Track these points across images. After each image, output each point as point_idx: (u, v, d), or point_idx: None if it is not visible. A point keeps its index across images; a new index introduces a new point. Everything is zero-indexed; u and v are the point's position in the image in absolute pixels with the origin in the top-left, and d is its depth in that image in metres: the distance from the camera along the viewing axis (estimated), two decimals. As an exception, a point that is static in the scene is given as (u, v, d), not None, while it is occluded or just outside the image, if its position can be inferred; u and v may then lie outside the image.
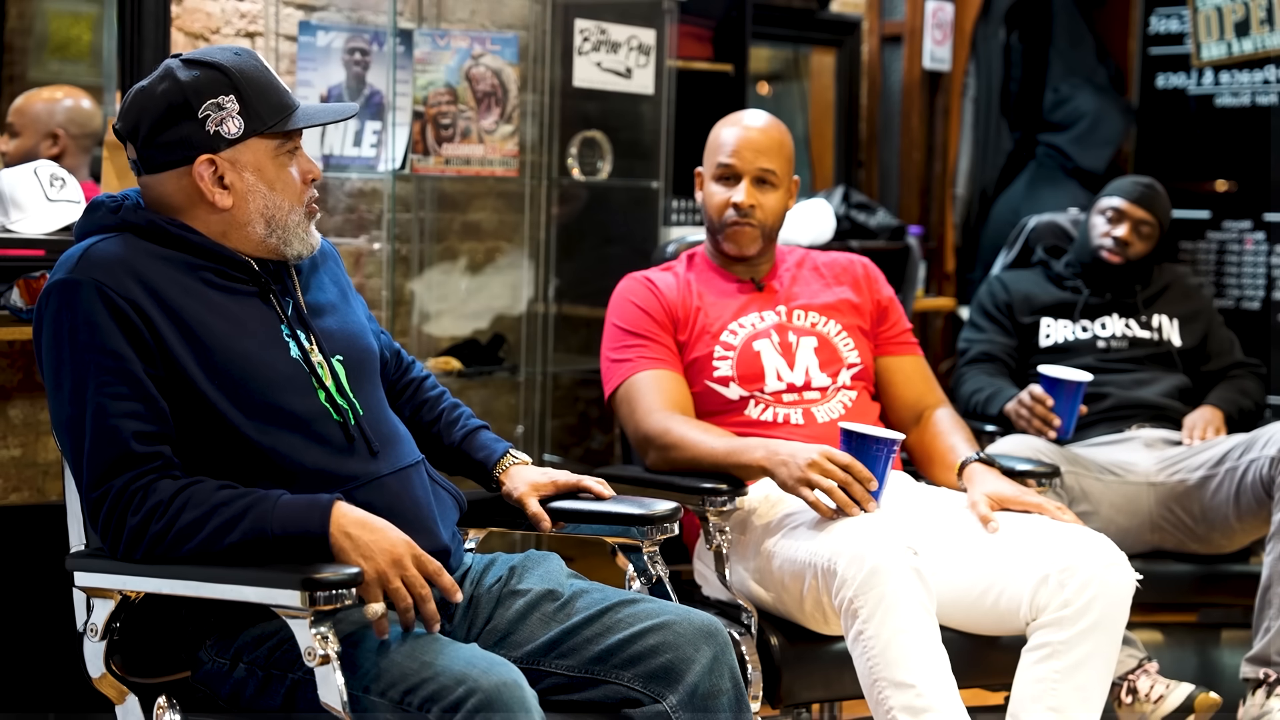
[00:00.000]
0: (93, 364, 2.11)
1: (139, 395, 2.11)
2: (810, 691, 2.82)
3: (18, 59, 3.87)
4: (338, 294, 2.40)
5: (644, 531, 2.48)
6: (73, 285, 2.14)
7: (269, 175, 2.24)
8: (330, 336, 2.31)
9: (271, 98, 2.24)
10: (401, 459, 2.31)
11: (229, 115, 2.21)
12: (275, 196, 2.25)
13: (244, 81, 2.22)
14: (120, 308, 2.12)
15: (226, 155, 2.22)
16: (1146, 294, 4.11)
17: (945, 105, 5.46)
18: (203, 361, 2.15)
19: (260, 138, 2.23)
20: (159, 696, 2.21)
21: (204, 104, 2.19)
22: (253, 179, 2.24)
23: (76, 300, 2.13)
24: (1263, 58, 4.96)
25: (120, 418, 2.10)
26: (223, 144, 2.21)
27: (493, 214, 4.51)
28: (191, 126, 2.20)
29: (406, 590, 2.08)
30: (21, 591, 3.30)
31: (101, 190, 3.35)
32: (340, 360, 2.29)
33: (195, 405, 2.15)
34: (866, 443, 2.74)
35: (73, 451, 2.13)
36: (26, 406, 3.49)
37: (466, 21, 4.32)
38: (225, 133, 2.21)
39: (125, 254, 2.17)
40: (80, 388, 2.11)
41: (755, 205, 3.06)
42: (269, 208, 2.25)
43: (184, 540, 2.07)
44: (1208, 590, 3.76)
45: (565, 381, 4.64)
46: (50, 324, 2.15)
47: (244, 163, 2.23)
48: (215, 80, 2.20)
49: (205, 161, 2.21)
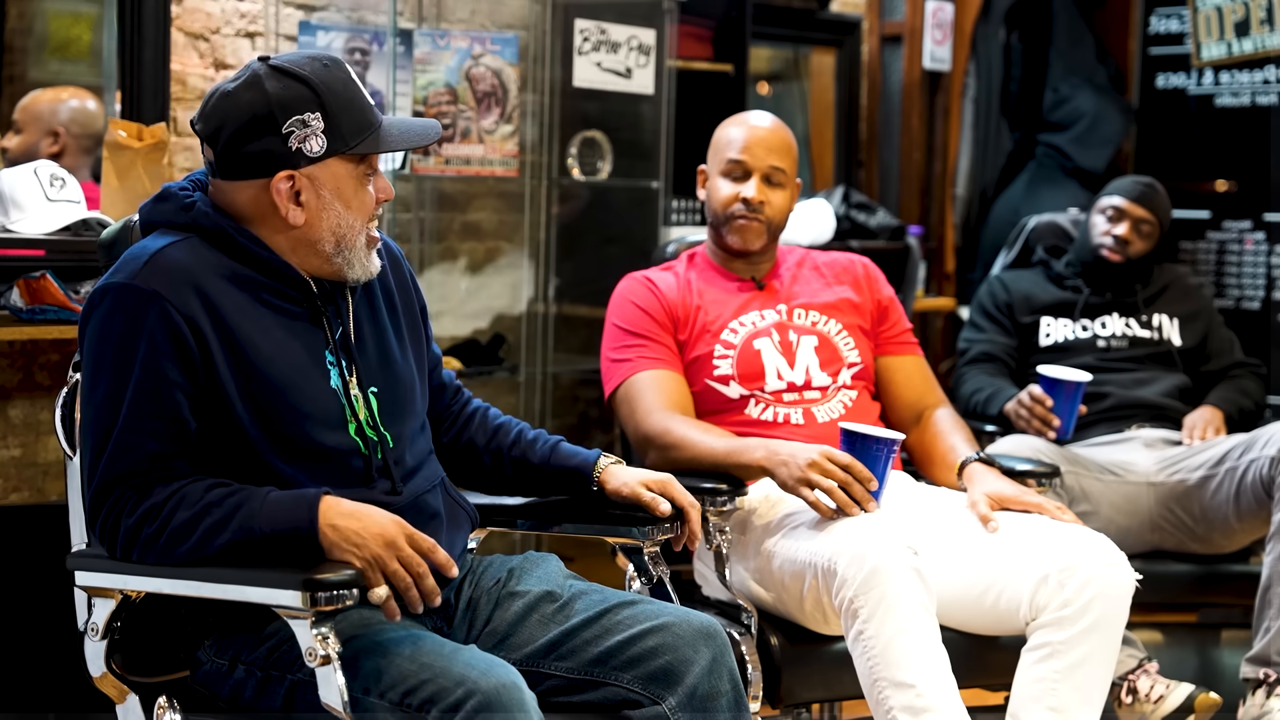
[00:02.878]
0: (134, 378, 2.09)
1: (170, 417, 2.10)
2: (810, 691, 2.82)
3: (18, 59, 3.87)
4: (387, 322, 2.35)
5: (644, 532, 2.47)
6: (135, 292, 2.11)
7: (346, 195, 2.21)
8: (370, 368, 2.28)
9: (356, 115, 2.20)
10: (422, 486, 2.31)
11: (313, 133, 2.16)
12: (349, 216, 2.21)
13: (330, 98, 2.17)
14: (178, 325, 2.10)
15: (306, 172, 2.18)
16: (1147, 293, 4.11)
17: (945, 105, 5.46)
18: (241, 384, 2.14)
19: (342, 158, 2.20)
20: (159, 696, 2.21)
21: (289, 119, 2.15)
22: (330, 197, 2.19)
23: (134, 307, 2.10)
24: (1263, 58, 4.96)
25: (145, 436, 2.09)
26: (304, 161, 2.17)
27: (493, 214, 4.51)
28: (274, 140, 2.16)
29: (405, 571, 2.06)
30: (21, 591, 3.30)
31: (101, 190, 3.35)
32: (375, 392, 2.27)
33: (226, 425, 2.14)
34: (866, 443, 2.74)
35: (92, 452, 2.12)
36: (26, 406, 3.49)
37: (466, 21, 4.32)
38: (308, 150, 2.17)
39: (191, 264, 2.14)
40: (116, 397, 2.10)
41: (764, 201, 3.07)
42: (341, 226, 2.21)
43: (177, 543, 2.07)
44: (1208, 590, 3.76)
45: (565, 381, 4.64)
46: (100, 323, 2.13)
47: (323, 181, 2.19)
48: (302, 96, 2.16)
49: (284, 177, 2.17)
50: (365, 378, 2.26)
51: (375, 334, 2.32)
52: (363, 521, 2.07)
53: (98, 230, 3.17)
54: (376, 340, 2.31)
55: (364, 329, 2.31)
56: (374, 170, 2.25)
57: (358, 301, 2.31)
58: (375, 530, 2.06)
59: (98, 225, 3.22)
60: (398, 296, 2.40)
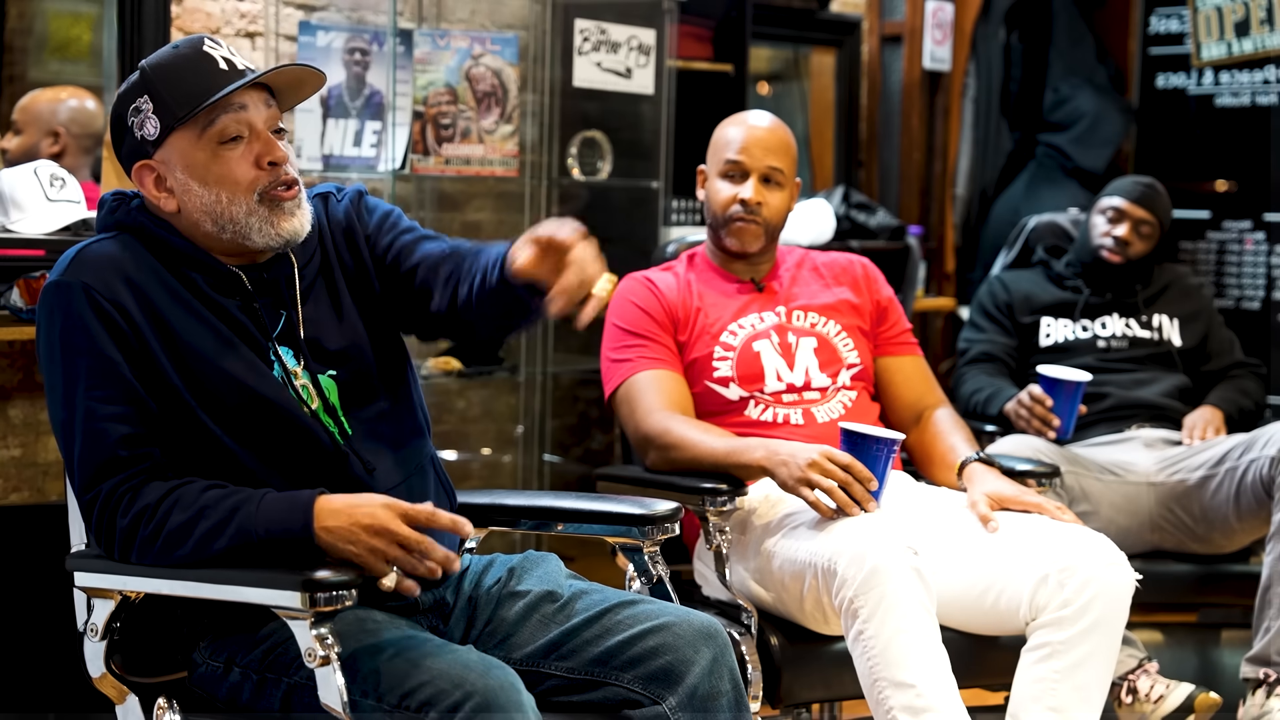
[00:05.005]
0: (83, 367, 2.10)
1: (128, 399, 2.10)
2: (810, 691, 2.82)
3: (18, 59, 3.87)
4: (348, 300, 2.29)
5: (644, 531, 2.47)
6: (63, 287, 2.12)
7: (199, 169, 2.15)
8: (325, 352, 2.25)
9: (187, 84, 2.12)
10: (404, 468, 2.28)
11: (146, 116, 2.15)
12: (210, 191, 2.15)
13: (156, 77, 2.14)
14: (106, 310, 2.10)
15: (159, 157, 2.16)
16: (1147, 294, 4.11)
17: (945, 105, 5.46)
18: (185, 373, 2.13)
19: (180, 130, 2.14)
20: (159, 696, 2.21)
21: (128, 111, 2.16)
22: (183, 176, 2.15)
23: (66, 302, 2.11)
24: (1263, 58, 4.96)
25: (108, 421, 2.08)
26: (150, 147, 2.16)
27: (493, 214, 4.51)
28: (128, 137, 2.17)
29: (408, 552, 2.04)
30: (21, 591, 3.30)
31: (101, 191, 3.35)
32: (333, 376, 2.24)
33: (181, 413, 2.13)
34: (866, 443, 2.74)
35: (66, 453, 2.13)
36: (26, 406, 3.49)
37: (466, 21, 4.32)
38: (146, 135, 2.15)
39: (118, 256, 2.15)
40: (70, 390, 2.10)
41: (762, 202, 3.07)
42: (206, 204, 2.15)
43: (173, 545, 2.06)
44: (1208, 590, 3.76)
45: (565, 381, 4.64)
46: (44, 325, 2.14)
47: (173, 161, 2.15)
48: (133, 84, 2.16)
49: (142, 168, 2.17)
50: (318, 363, 2.23)
51: (334, 315, 2.27)
52: (353, 516, 2.04)
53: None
54: (335, 322, 2.27)
55: (320, 312, 2.26)
56: (243, 134, 2.14)
57: (312, 284, 2.27)
58: (366, 522, 2.04)
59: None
60: (347, 255, 2.32)
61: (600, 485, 3.04)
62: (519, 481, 4.42)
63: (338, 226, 2.34)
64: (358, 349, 2.28)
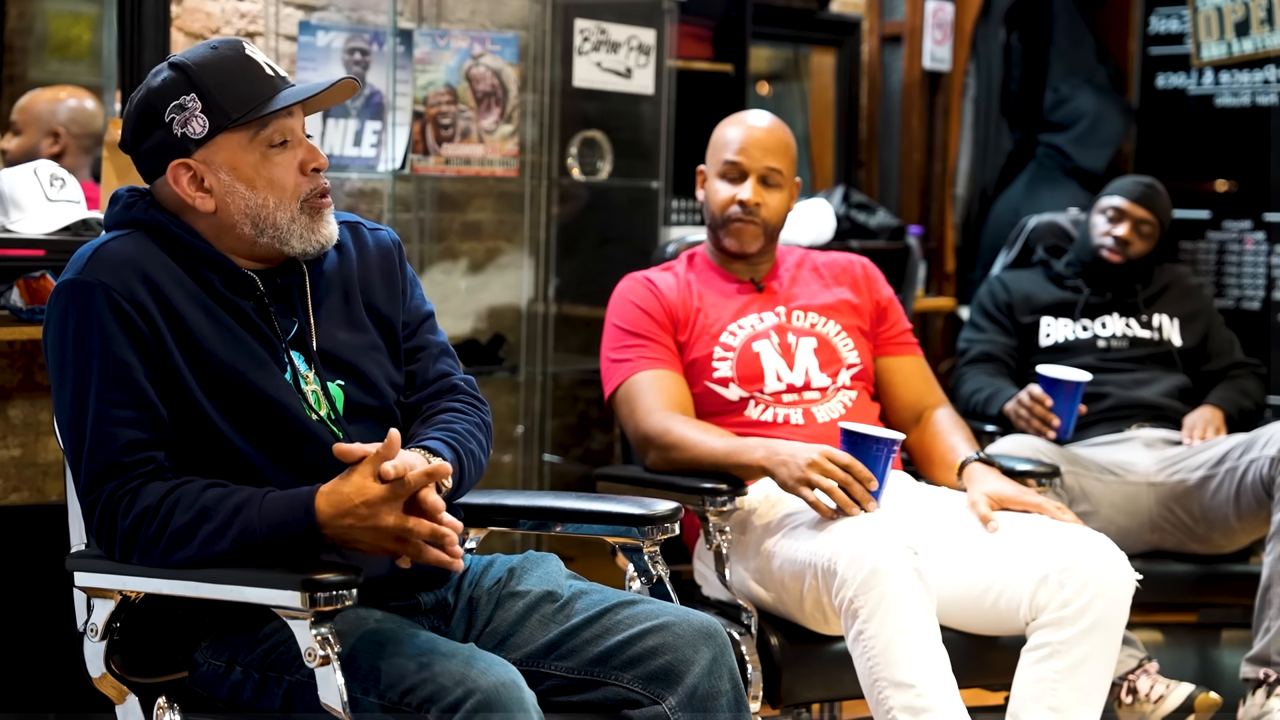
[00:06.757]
0: (95, 369, 2.10)
1: (139, 403, 2.10)
2: (810, 691, 2.82)
3: (18, 59, 3.87)
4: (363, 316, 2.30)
5: (644, 531, 2.47)
6: (80, 287, 2.12)
7: (246, 172, 2.16)
8: (336, 361, 2.26)
9: (240, 88, 2.14)
10: None
11: (192, 115, 2.14)
12: (257, 195, 2.17)
13: (204, 76, 2.14)
14: (126, 312, 2.10)
15: (200, 156, 2.16)
16: (1147, 294, 4.11)
17: (945, 105, 5.46)
18: (200, 372, 2.13)
19: (230, 132, 2.15)
20: (159, 697, 2.21)
21: (168, 108, 2.15)
22: (228, 178, 2.16)
23: (83, 303, 2.11)
24: (1263, 58, 4.96)
25: (117, 425, 2.09)
26: (193, 145, 2.15)
27: (493, 214, 4.51)
28: (162, 132, 2.15)
29: (418, 539, 2.05)
30: (21, 591, 3.30)
31: (101, 190, 3.35)
32: (341, 385, 2.25)
33: (192, 414, 2.14)
34: (866, 443, 2.74)
35: (72, 453, 2.13)
36: (26, 406, 3.49)
37: (466, 21, 4.32)
38: (191, 133, 2.14)
39: (135, 254, 2.15)
40: (82, 392, 2.10)
41: (760, 203, 3.07)
42: (251, 207, 2.17)
43: (176, 547, 2.07)
44: (1208, 590, 3.76)
45: (565, 381, 4.64)
46: (57, 324, 2.14)
47: (218, 162, 2.16)
48: (175, 81, 2.15)
49: (179, 166, 2.16)
50: (328, 371, 2.24)
51: (348, 329, 2.29)
52: (354, 511, 2.05)
53: (97, 230, 3.18)
54: (348, 336, 2.28)
55: (334, 324, 2.27)
56: (289, 139, 2.18)
57: (326, 296, 2.28)
58: (369, 523, 2.05)
59: (97, 225, 3.22)
60: (381, 286, 2.34)
61: (600, 485, 3.04)
62: (519, 481, 4.42)
63: (373, 257, 2.37)
64: (365, 365, 2.29)
